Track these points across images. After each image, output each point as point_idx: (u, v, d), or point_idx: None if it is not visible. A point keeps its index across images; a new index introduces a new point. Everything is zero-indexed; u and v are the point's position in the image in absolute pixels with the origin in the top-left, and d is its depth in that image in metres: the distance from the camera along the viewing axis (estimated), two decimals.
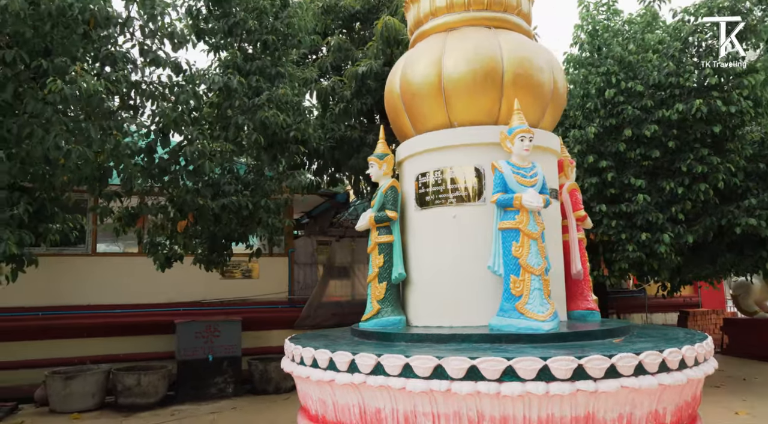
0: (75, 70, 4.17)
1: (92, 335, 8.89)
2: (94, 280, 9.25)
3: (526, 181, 3.75)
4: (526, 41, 4.34)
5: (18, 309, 8.63)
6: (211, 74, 5.62)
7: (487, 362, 2.83)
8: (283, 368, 3.89)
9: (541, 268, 3.58)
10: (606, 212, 6.83)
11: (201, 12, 6.27)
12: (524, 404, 2.83)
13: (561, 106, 4.52)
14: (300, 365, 3.62)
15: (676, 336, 3.69)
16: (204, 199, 5.53)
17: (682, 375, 3.01)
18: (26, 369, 8.30)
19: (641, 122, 6.62)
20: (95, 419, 6.89)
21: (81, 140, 4.43)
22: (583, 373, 2.79)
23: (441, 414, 2.96)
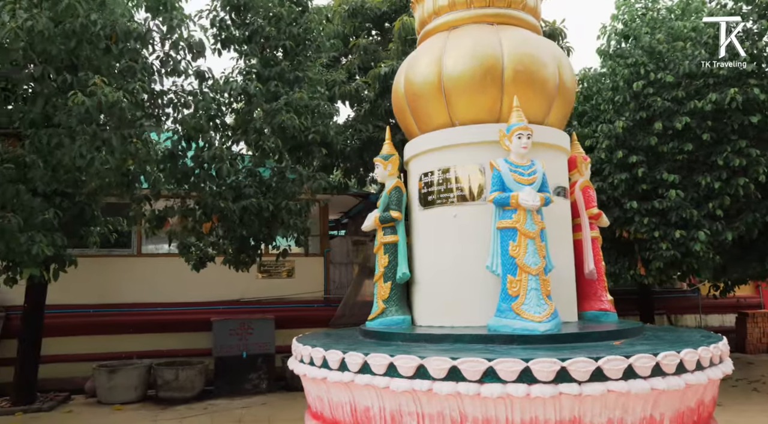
0: (95, 82, 4.44)
1: (138, 331, 9.43)
2: (139, 279, 9.80)
3: (523, 179, 3.67)
4: (530, 37, 4.24)
5: (71, 306, 9.29)
6: (231, 81, 5.83)
7: (467, 362, 2.81)
8: (288, 365, 4.00)
9: (538, 267, 3.50)
10: (637, 208, 6.55)
11: (225, 21, 6.52)
12: (506, 406, 2.79)
13: (569, 102, 4.39)
14: (300, 363, 3.71)
15: (689, 339, 3.51)
16: (225, 202, 5.74)
17: (680, 380, 2.87)
18: (79, 362, 8.91)
19: (672, 114, 6.29)
20: (135, 411, 7.31)
21: (103, 148, 4.71)
22: (566, 376, 2.72)
23: (425, 414, 2.97)
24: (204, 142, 5.65)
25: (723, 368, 3.23)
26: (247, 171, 6.32)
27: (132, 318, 9.42)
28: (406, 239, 4.39)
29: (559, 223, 4.14)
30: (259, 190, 6.26)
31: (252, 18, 6.11)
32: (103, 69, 4.85)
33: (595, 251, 4.45)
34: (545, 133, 4.15)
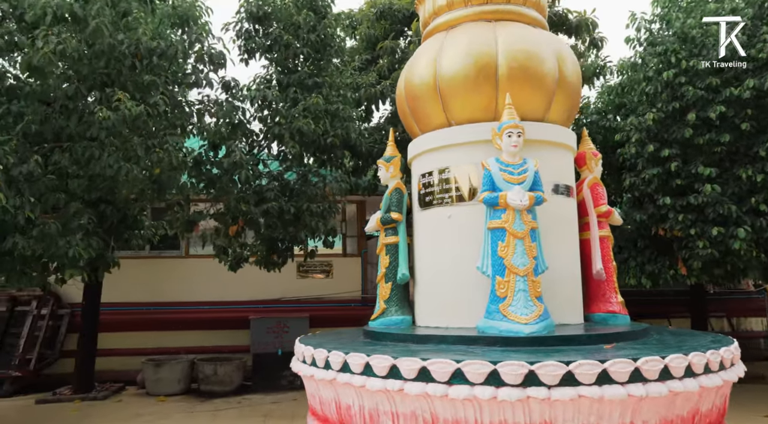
0: (118, 97, 4.80)
1: (186, 328, 10.00)
2: (186, 279, 10.38)
3: (513, 178, 3.61)
4: (529, 32, 4.14)
5: (127, 304, 10.00)
6: (252, 89, 6.09)
7: (436, 364, 2.82)
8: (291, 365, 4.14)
9: (526, 268, 3.43)
10: (672, 205, 6.19)
11: (249, 32, 6.80)
12: (474, 408, 2.78)
13: (572, 98, 4.24)
14: (296, 361, 3.85)
15: (695, 343, 3.32)
16: (247, 206, 6.00)
17: (663, 387, 2.74)
18: (133, 356, 9.58)
19: (707, 104, 5.89)
20: (176, 402, 7.78)
21: (130, 158, 5.07)
22: (535, 379, 2.67)
23: (400, 413, 3.00)
24: (227, 150, 5.93)
25: (725, 376, 3.03)
26: (271, 176, 6.55)
27: (180, 316, 10.00)
28: (407, 240, 4.43)
29: (561, 222, 4.02)
30: (282, 194, 6.47)
31: (272, 28, 6.34)
32: (129, 85, 5.22)
33: (605, 251, 4.28)
34: (545, 130, 4.05)
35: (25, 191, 4.91)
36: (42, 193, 5.13)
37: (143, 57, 5.20)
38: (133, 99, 5.08)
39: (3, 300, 10.00)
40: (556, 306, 3.81)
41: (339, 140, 6.46)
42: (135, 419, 6.71)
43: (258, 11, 6.32)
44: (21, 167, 4.88)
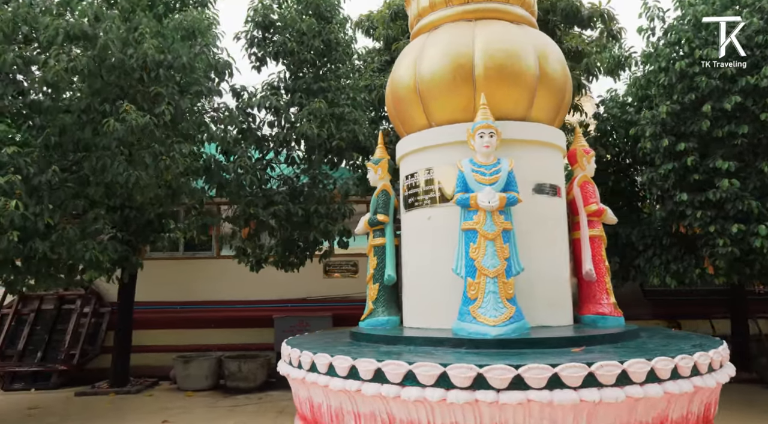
0: (125, 109, 5.09)
1: (216, 326, 10.40)
2: (217, 279, 10.78)
3: (485, 179, 3.58)
4: (508, 29, 4.08)
5: (161, 303, 10.52)
6: (258, 96, 6.29)
7: (389, 365, 2.86)
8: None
9: (497, 270, 3.40)
10: (689, 201, 5.90)
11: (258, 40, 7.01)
12: (426, 410, 2.80)
13: (557, 96, 4.14)
14: (281, 361, 3.97)
15: (681, 346, 3.20)
16: (255, 209, 6.20)
17: (620, 392, 2.66)
18: (168, 353, 10.06)
19: (723, 94, 5.56)
20: (202, 397, 8.12)
21: (138, 166, 5.36)
22: (484, 382, 2.66)
23: (361, 413, 3.06)
24: (235, 155, 6.16)
25: (698, 381, 2.90)
26: (281, 179, 6.74)
27: (210, 314, 10.42)
28: (394, 242, 4.47)
29: (544, 222, 3.95)
30: (293, 196, 6.64)
31: (277, 36, 6.52)
32: (138, 97, 5.52)
33: (596, 251, 4.17)
34: (526, 129, 3.99)
35: (45, 199, 5.28)
36: (62, 201, 5.50)
37: (151, 70, 5.48)
38: (141, 110, 5.36)
39: (52, 299, 10.76)
40: (537, 308, 3.76)
41: (345, 143, 6.56)
42: (160, 412, 7.08)
43: (264, 20, 6.52)
44: (41, 176, 5.26)
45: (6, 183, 4.91)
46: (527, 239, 3.76)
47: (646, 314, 11.00)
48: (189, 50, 5.65)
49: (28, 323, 10.44)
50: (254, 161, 6.43)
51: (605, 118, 7.85)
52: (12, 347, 10.17)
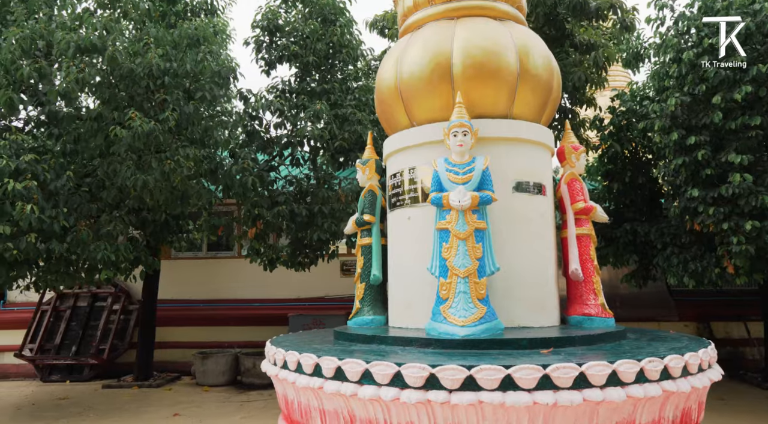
0: (130, 116, 5.31)
1: (237, 323, 10.69)
2: (239, 278, 11.08)
3: (458, 178, 3.56)
4: (488, 26, 4.03)
5: (184, 301, 10.90)
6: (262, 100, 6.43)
7: (348, 364, 2.89)
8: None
9: (468, 270, 3.37)
10: (702, 197, 5.66)
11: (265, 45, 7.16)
12: (382, 409, 2.81)
13: (541, 92, 4.05)
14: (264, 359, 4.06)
15: (654, 349, 3.09)
16: (260, 209, 6.35)
17: (578, 395, 2.60)
18: (191, 348, 10.42)
19: (734, 84, 5.30)
20: (217, 393, 8.38)
21: (146, 171, 5.58)
22: (436, 382, 2.65)
23: (325, 410, 3.10)
24: (238, 158, 6.33)
25: (668, 386, 2.80)
26: (288, 180, 6.86)
27: (231, 312, 10.72)
28: (381, 242, 4.49)
29: (525, 221, 3.88)
30: (301, 197, 6.76)
31: (283, 40, 6.64)
32: (145, 104, 5.75)
33: (582, 250, 4.07)
34: (506, 126, 3.92)
35: (60, 203, 5.58)
36: (77, 205, 5.79)
37: (157, 77, 5.69)
38: (148, 117, 5.58)
39: (86, 297, 11.32)
40: (516, 309, 3.71)
41: (348, 143, 6.62)
42: (174, 405, 7.35)
43: (269, 24, 6.65)
44: (57, 182, 5.56)
45: (24, 188, 5.22)
46: (506, 239, 3.72)
47: (673, 316, 10.59)
48: (194, 57, 5.82)
49: (65, 319, 11.03)
50: (260, 163, 6.57)
51: (620, 112, 7.61)
52: (50, 341, 10.79)
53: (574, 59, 6.73)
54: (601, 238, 8.68)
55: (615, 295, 10.75)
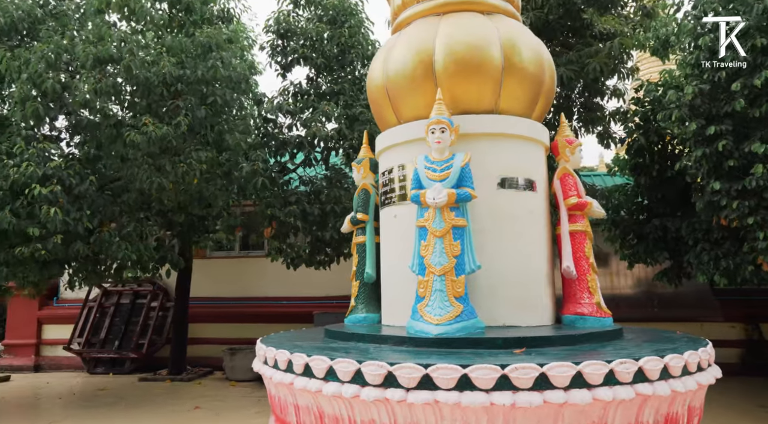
0: (144, 122, 5.57)
1: (267, 321, 10.94)
2: (269, 277, 11.36)
3: (435, 175, 3.53)
4: (471, 21, 3.96)
5: (217, 298, 11.30)
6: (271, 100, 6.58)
7: (315, 360, 2.93)
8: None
9: (444, 268, 3.34)
10: (725, 190, 5.33)
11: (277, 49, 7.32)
12: (346, 406, 2.84)
13: (529, 85, 3.95)
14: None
15: (640, 350, 2.95)
16: (272, 209, 6.50)
17: (538, 397, 2.53)
18: (223, 344, 10.79)
19: (755, 70, 4.94)
20: (243, 388, 8.64)
21: (160, 174, 5.84)
22: (394, 380, 2.65)
23: (299, 406, 3.16)
24: (251, 160, 6.50)
25: (643, 389, 2.67)
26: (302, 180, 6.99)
27: (260, 309, 11.01)
28: (375, 240, 4.50)
29: (511, 218, 3.79)
30: (311, 196, 6.87)
31: (293, 43, 6.77)
32: (159, 111, 6.01)
33: (576, 247, 3.94)
34: (490, 121, 3.85)
35: (84, 206, 5.92)
36: (100, 207, 6.12)
37: (170, 85, 5.94)
38: (162, 122, 5.83)
39: (128, 294, 11.95)
40: (501, 307, 3.64)
41: (359, 143, 6.64)
42: (198, 398, 7.65)
43: (279, 28, 6.79)
44: (81, 186, 5.90)
45: (50, 193, 5.58)
46: (490, 236, 3.65)
47: (717, 317, 10.00)
48: (206, 64, 6.03)
49: (109, 315, 11.68)
50: (271, 164, 6.72)
51: (645, 103, 7.26)
52: (96, 335, 11.45)
53: (589, 50, 6.49)
54: (633, 234, 8.34)
55: (652, 294, 10.28)
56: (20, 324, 12.39)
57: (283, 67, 7.37)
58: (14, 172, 5.55)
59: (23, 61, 5.83)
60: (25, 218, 5.58)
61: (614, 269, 10.15)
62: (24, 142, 5.85)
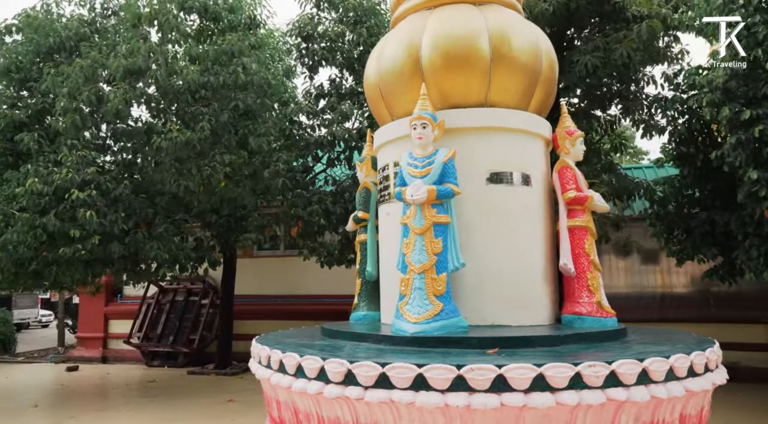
0: (169, 128, 5.89)
1: (308, 317, 11.21)
2: (309, 275, 11.61)
3: (417, 172, 3.49)
4: (458, 13, 3.87)
5: (262, 296, 11.72)
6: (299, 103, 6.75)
7: (287, 357, 2.99)
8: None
9: (423, 265, 3.30)
10: (761, 179, 4.89)
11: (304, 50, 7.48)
12: (314, 403, 2.88)
13: (521, 76, 3.80)
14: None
15: (626, 352, 2.78)
16: (296, 209, 6.67)
17: (495, 399, 2.46)
18: None
19: None
20: None
21: (187, 177, 6.15)
22: (353, 379, 2.66)
23: (280, 401, 3.24)
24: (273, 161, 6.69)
25: (615, 394, 2.52)
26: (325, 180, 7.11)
27: (302, 307, 11.30)
28: (376, 238, 4.51)
29: (506, 214, 3.68)
30: (335, 196, 6.97)
31: (316, 45, 6.90)
32: (186, 117, 6.33)
33: (576, 243, 3.76)
34: (479, 115, 3.75)
35: (119, 209, 6.34)
36: (136, 209, 6.54)
37: (195, 91, 6.24)
38: (188, 128, 6.14)
39: (182, 292, 12.65)
40: (489, 306, 3.54)
41: None
42: (234, 392, 7.98)
43: (301, 32, 6.94)
44: (116, 190, 6.33)
45: (88, 197, 6.04)
46: (477, 233, 3.56)
47: None
48: (227, 70, 6.28)
49: (165, 312, 12.42)
50: (295, 165, 6.89)
51: (684, 88, 6.76)
52: (153, 330, 12.22)
53: (618, 36, 6.13)
54: (680, 229, 7.80)
55: (707, 293, 9.54)
56: (90, 319, 13.47)
57: (309, 69, 7.53)
58: (57, 179, 6.05)
59: (65, 76, 6.33)
60: (68, 220, 6.07)
61: (665, 266, 9.53)
62: (69, 151, 6.35)
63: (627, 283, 9.65)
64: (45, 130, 6.96)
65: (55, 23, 7.42)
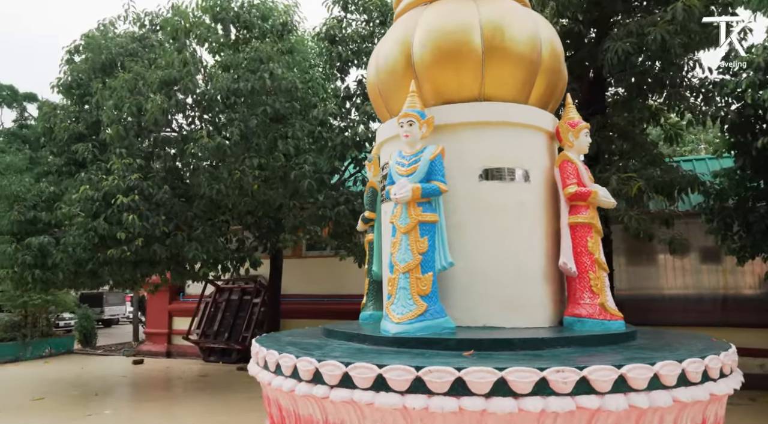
0: (200, 134, 6.20)
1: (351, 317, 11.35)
2: (351, 275, 11.73)
3: (403, 170, 3.46)
4: (450, 5, 3.80)
5: (308, 296, 12.00)
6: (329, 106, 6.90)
7: (270, 355, 3.07)
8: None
9: (407, 265, 3.26)
10: None
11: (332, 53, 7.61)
12: (290, 400, 2.93)
13: (518, 68, 3.67)
14: None
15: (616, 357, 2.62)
16: (323, 210, 6.80)
17: (453, 402, 2.39)
18: None
19: None
20: None
21: (218, 180, 6.45)
22: (320, 378, 2.68)
23: (269, 398, 3.33)
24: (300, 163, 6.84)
25: (590, 402, 2.38)
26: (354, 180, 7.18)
27: (345, 306, 11.39)
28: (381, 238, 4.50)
29: (501, 211, 3.56)
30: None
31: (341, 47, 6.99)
32: (218, 123, 6.63)
33: (578, 241, 3.57)
34: (471, 110, 3.66)
35: (161, 212, 6.75)
36: (177, 212, 6.93)
37: (226, 98, 6.53)
38: (219, 134, 6.43)
39: (237, 291, 13.24)
40: (481, 307, 3.45)
41: None
42: None
43: (326, 36, 7.05)
44: (158, 195, 6.74)
45: (131, 201, 6.48)
46: (469, 231, 3.48)
47: None
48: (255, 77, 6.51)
49: (221, 310, 13.05)
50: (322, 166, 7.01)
51: (736, 72, 6.19)
52: (210, 327, 12.88)
53: (653, 18, 5.71)
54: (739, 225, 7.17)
55: None
56: (156, 316, 14.41)
57: (339, 71, 7.64)
58: (106, 185, 6.54)
59: (112, 90, 6.83)
60: (115, 224, 6.54)
61: (728, 265, 8.75)
62: (118, 159, 6.85)
63: (684, 284, 8.97)
64: (98, 141, 7.55)
65: (108, 42, 8.00)
